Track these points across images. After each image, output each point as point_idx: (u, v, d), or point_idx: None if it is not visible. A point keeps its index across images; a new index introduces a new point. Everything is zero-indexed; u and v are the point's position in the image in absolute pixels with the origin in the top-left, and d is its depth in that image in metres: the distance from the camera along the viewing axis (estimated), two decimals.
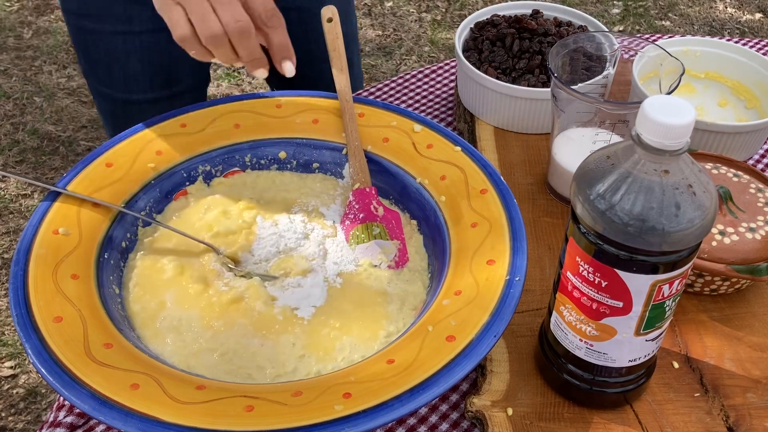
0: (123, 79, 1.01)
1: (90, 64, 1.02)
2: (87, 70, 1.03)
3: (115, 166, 0.74)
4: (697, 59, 0.95)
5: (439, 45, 2.54)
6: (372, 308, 0.68)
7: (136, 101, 1.04)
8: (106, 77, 1.02)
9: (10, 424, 1.49)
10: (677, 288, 0.56)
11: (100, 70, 1.02)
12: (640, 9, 2.72)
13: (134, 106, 1.04)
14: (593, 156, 0.55)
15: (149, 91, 1.03)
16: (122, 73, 1.01)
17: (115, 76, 1.01)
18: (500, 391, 0.65)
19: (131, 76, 1.01)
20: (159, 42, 0.98)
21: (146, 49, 0.99)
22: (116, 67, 1.00)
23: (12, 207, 1.92)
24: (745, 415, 0.64)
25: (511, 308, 0.60)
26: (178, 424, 0.53)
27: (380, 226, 0.74)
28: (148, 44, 0.98)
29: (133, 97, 1.03)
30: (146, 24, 0.97)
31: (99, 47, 0.99)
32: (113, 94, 1.04)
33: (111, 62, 1.00)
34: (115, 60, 0.99)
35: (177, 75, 1.04)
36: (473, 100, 0.95)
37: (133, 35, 0.97)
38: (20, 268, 0.64)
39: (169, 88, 1.04)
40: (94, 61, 1.01)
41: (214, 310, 0.67)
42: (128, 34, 0.97)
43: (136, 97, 1.03)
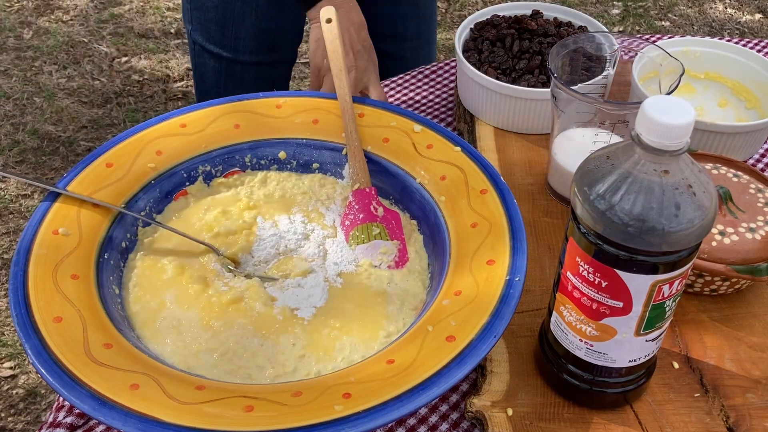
0: (234, 39, 1.11)
1: (204, 22, 1.11)
2: (198, 28, 1.12)
3: (115, 166, 0.74)
4: (696, 59, 0.95)
5: (438, 45, 2.54)
6: (372, 308, 0.68)
7: (242, 61, 1.13)
8: (218, 36, 1.11)
9: (10, 424, 1.49)
10: (677, 288, 0.56)
11: (212, 29, 1.11)
12: (639, 9, 2.72)
13: (238, 65, 1.14)
14: (593, 156, 0.55)
15: (254, 53, 1.13)
16: (234, 34, 1.10)
17: (228, 35, 1.10)
18: (500, 392, 0.65)
19: (242, 38, 1.11)
20: (271, 9, 1.08)
21: (260, 14, 1.08)
22: (230, 26, 1.09)
23: (12, 207, 1.92)
24: (745, 416, 0.64)
25: (511, 308, 0.60)
26: (177, 424, 0.53)
27: (380, 227, 0.74)
28: (263, 10, 1.07)
29: (240, 57, 1.13)
30: None
31: (218, 6, 1.08)
32: (221, 53, 1.13)
33: (225, 21, 1.09)
34: (230, 20, 1.09)
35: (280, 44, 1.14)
36: (473, 100, 0.95)
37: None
38: (20, 268, 0.64)
39: (271, 54, 1.14)
40: (209, 20, 1.10)
41: (214, 311, 0.67)
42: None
43: (242, 57, 1.13)
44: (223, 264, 0.71)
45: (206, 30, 1.12)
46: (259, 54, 1.14)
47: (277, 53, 1.16)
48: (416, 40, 1.26)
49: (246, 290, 0.69)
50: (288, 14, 1.12)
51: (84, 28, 2.54)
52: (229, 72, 1.15)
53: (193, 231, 0.74)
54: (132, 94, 2.29)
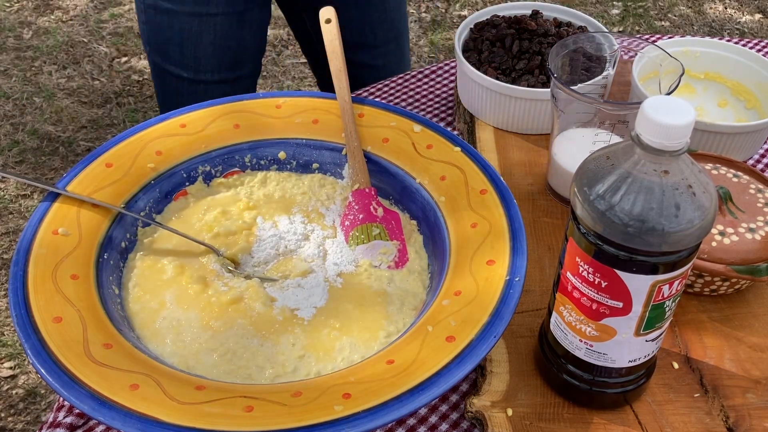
0: (193, 59, 1.07)
1: (161, 43, 1.07)
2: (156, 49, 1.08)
3: (114, 166, 0.74)
4: (696, 60, 0.95)
5: (438, 45, 2.54)
6: (372, 308, 0.68)
7: (203, 81, 1.10)
8: (177, 56, 1.07)
9: (10, 424, 1.49)
10: (677, 288, 0.56)
11: (171, 49, 1.07)
12: (639, 9, 2.72)
13: (200, 85, 1.10)
14: (593, 156, 0.55)
15: (216, 72, 1.10)
16: (193, 53, 1.07)
17: (187, 55, 1.07)
18: (500, 392, 0.65)
19: (201, 57, 1.07)
20: (231, 26, 1.04)
21: (219, 32, 1.04)
22: (188, 46, 1.06)
23: (12, 207, 1.92)
24: (745, 416, 0.64)
25: (510, 309, 0.60)
26: (177, 424, 0.53)
27: (380, 227, 0.74)
28: (221, 27, 1.04)
29: (201, 77, 1.10)
30: (222, 7, 1.03)
31: (174, 27, 1.04)
32: (181, 73, 1.10)
33: (184, 42, 1.05)
34: (188, 40, 1.05)
35: (241, 60, 1.10)
36: (473, 100, 0.95)
37: (209, 17, 1.03)
38: (20, 268, 0.64)
39: (234, 71, 1.10)
40: (166, 41, 1.06)
41: (214, 311, 0.67)
42: (204, 16, 1.03)
43: (203, 77, 1.10)
44: (222, 264, 0.71)
45: (164, 51, 1.09)
46: (221, 72, 1.11)
47: (240, 69, 1.13)
48: (386, 47, 1.24)
49: (246, 290, 0.69)
50: (248, 30, 1.09)
51: (84, 28, 2.54)
52: (192, 92, 1.12)
53: (193, 231, 0.74)
54: (132, 94, 2.29)
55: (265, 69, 2.39)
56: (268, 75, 2.37)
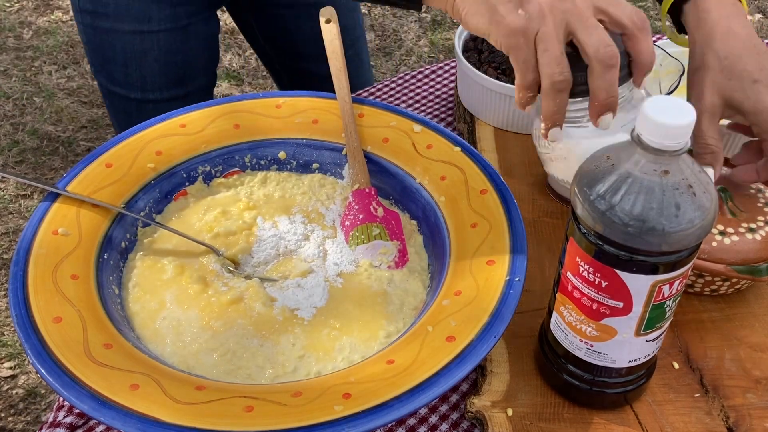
0: (139, 78, 1.02)
1: (104, 63, 1.02)
2: (100, 69, 1.03)
3: (114, 166, 0.74)
4: None
5: (438, 45, 2.54)
6: (372, 308, 0.68)
7: (152, 100, 1.04)
8: (122, 76, 1.02)
9: (10, 424, 1.49)
10: (677, 288, 0.56)
11: (115, 70, 1.02)
12: None
13: (149, 105, 1.05)
14: (593, 156, 0.55)
15: (164, 90, 1.04)
16: (138, 73, 1.01)
17: (131, 75, 1.01)
18: (500, 392, 0.65)
19: (147, 75, 1.02)
20: (176, 41, 0.99)
21: (163, 48, 0.99)
22: (133, 66, 1.00)
23: (11, 207, 1.92)
24: (745, 416, 0.64)
25: (511, 309, 0.60)
26: (177, 424, 0.53)
27: (380, 227, 0.74)
28: (166, 43, 0.99)
29: (149, 96, 1.04)
30: (164, 23, 0.98)
31: (115, 46, 0.99)
32: (128, 94, 1.04)
33: (127, 61, 1.00)
34: (132, 59, 1.00)
35: (191, 74, 1.05)
36: (473, 100, 0.95)
37: (151, 34, 0.98)
38: (20, 268, 0.64)
39: (184, 86, 1.05)
40: (109, 61, 1.01)
41: (214, 311, 0.67)
42: (146, 33, 0.98)
43: (152, 96, 1.04)
44: (222, 264, 0.71)
45: (108, 72, 1.04)
46: (170, 89, 1.05)
47: (191, 84, 1.07)
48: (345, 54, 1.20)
49: (246, 290, 0.69)
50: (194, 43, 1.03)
51: None
52: (141, 112, 1.06)
53: (193, 231, 0.74)
54: None
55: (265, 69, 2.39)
56: (268, 75, 2.37)
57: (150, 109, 1.05)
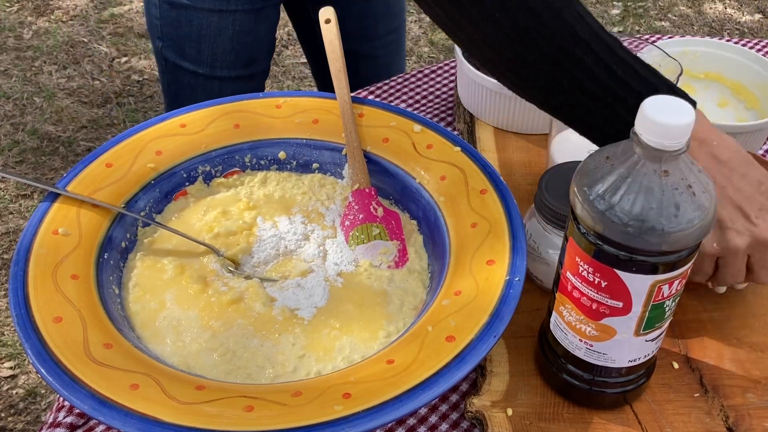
0: (210, 55, 1.07)
1: (177, 39, 1.06)
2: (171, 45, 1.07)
3: (114, 166, 0.74)
4: (696, 60, 0.95)
5: (438, 45, 2.54)
6: (372, 308, 0.68)
7: (219, 77, 1.09)
8: (194, 52, 1.07)
9: (10, 424, 1.49)
10: (677, 288, 0.56)
11: (188, 46, 1.06)
12: (639, 9, 2.72)
13: (215, 81, 1.10)
14: (593, 156, 0.55)
15: (233, 68, 1.09)
16: (211, 50, 1.06)
17: (204, 51, 1.06)
18: (500, 392, 0.65)
19: (219, 53, 1.07)
20: (249, 22, 1.04)
21: (237, 28, 1.04)
22: (207, 42, 1.05)
23: (12, 207, 1.92)
24: (744, 416, 0.64)
25: (510, 309, 0.60)
26: (177, 424, 0.53)
27: (380, 227, 0.74)
28: (240, 23, 1.04)
29: (217, 73, 1.09)
30: (242, 3, 1.03)
31: (192, 22, 1.04)
32: (197, 70, 1.09)
33: (202, 38, 1.05)
34: (207, 36, 1.05)
35: (257, 56, 1.11)
36: (473, 100, 0.95)
37: (228, 13, 1.03)
38: (20, 268, 0.64)
39: (248, 68, 1.11)
40: (183, 37, 1.06)
41: (214, 311, 0.67)
42: (223, 12, 1.03)
43: (219, 73, 1.09)
44: (223, 264, 0.71)
45: (180, 47, 1.08)
46: (237, 68, 1.11)
47: (255, 66, 1.13)
48: (386, 38, 1.24)
49: (246, 290, 0.69)
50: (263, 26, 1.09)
51: (84, 28, 2.54)
52: (206, 88, 1.11)
53: (193, 231, 0.74)
54: (132, 94, 2.29)
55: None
56: (268, 75, 2.37)
57: (215, 85, 1.10)
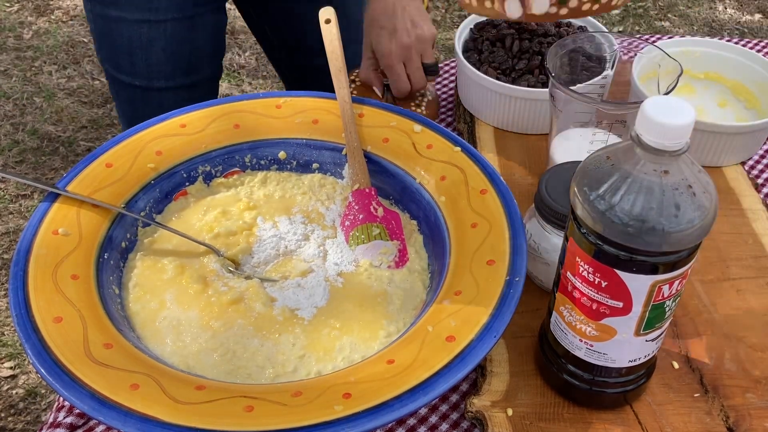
0: (145, 67, 1.03)
1: (111, 51, 1.03)
2: (107, 57, 1.05)
3: (115, 166, 0.74)
4: (696, 60, 0.95)
5: (438, 45, 2.54)
6: (372, 308, 0.68)
7: (157, 89, 1.06)
8: (128, 65, 1.03)
9: (10, 424, 1.49)
10: (677, 288, 0.56)
11: (121, 58, 1.03)
12: (639, 9, 2.72)
13: (154, 93, 1.06)
14: (593, 156, 0.55)
15: (170, 78, 1.05)
16: (144, 61, 1.03)
17: (138, 63, 1.03)
18: (500, 392, 0.65)
19: (154, 64, 1.03)
20: (182, 30, 1.00)
21: (170, 38, 1.01)
22: (139, 54, 1.02)
23: (12, 207, 1.92)
24: (745, 416, 0.64)
25: (511, 309, 0.60)
26: (177, 424, 0.53)
27: (380, 227, 0.74)
28: (172, 33, 1.00)
29: (154, 85, 1.05)
30: (171, 12, 0.99)
31: (123, 35, 1.01)
32: (133, 82, 1.05)
33: (134, 50, 1.02)
34: (139, 48, 1.01)
35: (197, 64, 1.06)
36: (473, 100, 0.95)
37: (157, 23, 0.99)
38: (20, 268, 0.64)
39: (189, 76, 1.06)
40: (116, 49, 1.02)
41: (214, 311, 0.67)
42: (153, 23, 0.99)
43: (157, 84, 1.05)
44: (223, 264, 0.71)
45: (115, 59, 1.05)
46: (176, 78, 1.06)
47: (196, 74, 1.08)
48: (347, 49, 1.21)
49: (246, 291, 0.69)
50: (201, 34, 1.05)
51: (84, 28, 2.54)
52: (147, 100, 1.08)
53: (193, 231, 0.74)
54: None
55: (266, 69, 2.39)
56: (268, 75, 2.37)
57: (154, 97, 1.07)
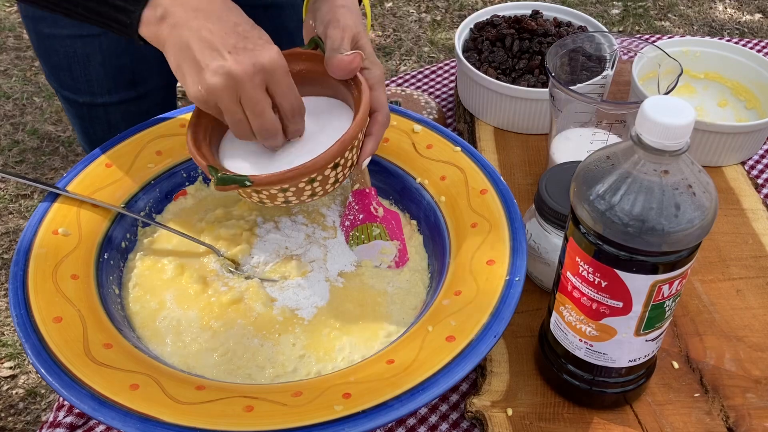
0: (86, 82, 0.99)
1: (51, 68, 1.00)
2: (49, 74, 1.01)
3: (114, 166, 0.74)
4: (696, 60, 0.95)
5: (438, 45, 2.54)
6: (372, 308, 0.68)
7: (101, 103, 1.02)
8: (69, 81, 1.00)
9: (10, 424, 1.49)
10: (677, 288, 0.56)
11: (61, 74, 1.00)
12: (639, 9, 2.72)
13: (99, 108, 1.02)
14: (593, 156, 0.55)
15: (114, 92, 1.01)
16: (84, 77, 0.99)
17: (78, 79, 0.99)
18: (500, 392, 0.65)
19: (94, 79, 0.99)
20: (120, 44, 0.96)
21: (106, 52, 0.96)
22: (78, 70, 0.98)
23: (12, 207, 1.92)
24: (745, 415, 0.64)
25: (510, 308, 0.60)
26: (177, 424, 0.53)
27: (380, 227, 0.74)
28: (108, 46, 0.96)
29: (98, 100, 1.01)
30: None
31: (59, 51, 0.97)
32: (77, 98, 1.02)
33: (72, 65, 0.98)
34: (76, 63, 0.97)
35: (141, 75, 1.02)
36: (473, 100, 0.95)
37: (91, 38, 0.95)
38: (20, 268, 0.64)
39: (134, 88, 1.02)
40: (55, 65, 0.99)
41: (214, 311, 0.67)
42: (87, 37, 0.95)
43: (100, 99, 1.01)
44: (223, 264, 0.71)
45: (57, 76, 1.01)
46: (119, 92, 1.01)
47: (143, 85, 1.02)
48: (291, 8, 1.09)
49: (246, 291, 0.69)
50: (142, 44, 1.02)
51: None
52: (93, 116, 1.03)
53: (193, 231, 0.74)
54: None
55: None
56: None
57: (101, 112, 1.03)
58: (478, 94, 0.93)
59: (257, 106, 0.60)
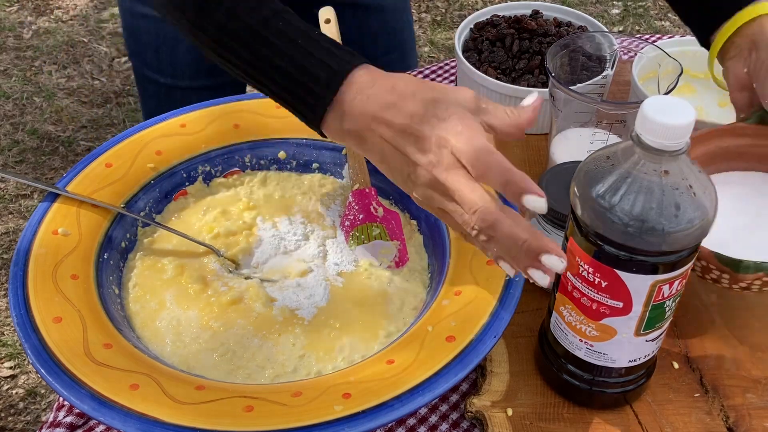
0: (170, 65, 1.03)
1: (138, 46, 1.03)
2: (134, 52, 1.04)
3: (114, 166, 0.74)
4: (696, 60, 0.95)
5: (438, 45, 2.54)
6: (372, 308, 0.68)
7: (181, 87, 1.05)
8: (154, 61, 1.03)
9: (10, 424, 1.49)
10: (677, 288, 0.56)
11: (148, 54, 1.03)
12: (639, 9, 2.72)
13: (178, 91, 1.05)
14: (593, 156, 0.55)
15: (195, 78, 1.04)
16: (170, 59, 1.02)
17: (163, 61, 1.02)
18: (500, 392, 0.65)
19: (179, 63, 1.02)
20: None
21: None
22: (164, 52, 1.01)
23: (11, 207, 1.92)
24: (745, 415, 0.64)
25: (510, 308, 0.60)
26: (177, 424, 0.53)
27: (380, 227, 0.74)
28: None
29: (179, 83, 1.05)
30: None
31: (150, 31, 1.00)
32: (159, 79, 1.05)
33: (159, 47, 1.01)
34: (164, 45, 1.00)
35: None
36: None
37: None
38: (20, 268, 0.64)
39: (213, 77, 1.05)
40: (143, 45, 1.02)
41: (214, 311, 0.67)
42: None
43: (181, 83, 1.05)
44: (223, 264, 0.71)
45: (141, 55, 1.04)
46: (200, 79, 1.04)
47: (222, 76, 1.04)
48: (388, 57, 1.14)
49: (246, 291, 0.69)
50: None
51: (84, 28, 2.54)
52: (171, 98, 1.07)
53: (193, 231, 0.74)
54: (132, 94, 2.29)
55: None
56: None
57: (178, 95, 1.06)
58: (478, 93, 0.92)
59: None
